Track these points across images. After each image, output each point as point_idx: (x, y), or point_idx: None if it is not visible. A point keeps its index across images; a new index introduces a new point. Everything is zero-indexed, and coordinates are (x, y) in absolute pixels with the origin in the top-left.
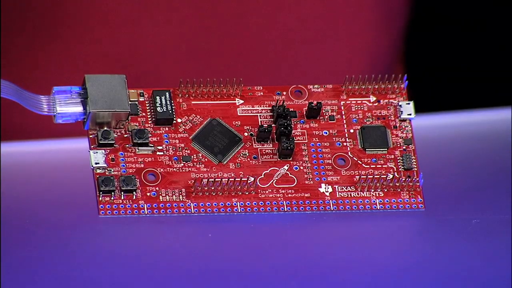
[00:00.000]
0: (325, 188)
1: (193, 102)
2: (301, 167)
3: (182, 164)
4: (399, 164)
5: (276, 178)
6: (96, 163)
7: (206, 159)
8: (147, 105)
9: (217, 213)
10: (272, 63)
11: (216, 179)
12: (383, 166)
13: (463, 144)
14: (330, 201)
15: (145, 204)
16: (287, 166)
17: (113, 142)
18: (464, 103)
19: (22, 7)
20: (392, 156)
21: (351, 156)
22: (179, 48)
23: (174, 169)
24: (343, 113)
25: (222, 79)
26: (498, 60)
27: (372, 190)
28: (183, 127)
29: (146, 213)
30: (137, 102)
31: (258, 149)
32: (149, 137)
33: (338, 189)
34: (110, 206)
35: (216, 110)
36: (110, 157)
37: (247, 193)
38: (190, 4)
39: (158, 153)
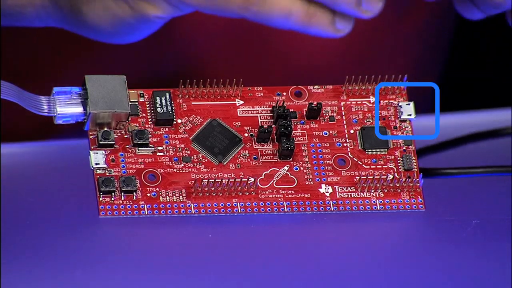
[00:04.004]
0: (325, 188)
1: (193, 103)
2: (301, 168)
3: (182, 165)
4: (399, 164)
5: (276, 178)
6: (96, 164)
7: (206, 160)
8: (147, 105)
9: (217, 214)
10: (272, 63)
11: (216, 180)
12: (383, 166)
13: (463, 144)
14: (330, 201)
15: (145, 205)
16: (287, 166)
17: (113, 142)
18: (464, 103)
19: None
20: (392, 157)
21: (351, 156)
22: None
23: (174, 170)
24: (343, 113)
25: (222, 80)
26: (498, 60)
27: (372, 191)
28: (183, 127)
29: (146, 213)
30: (137, 103)
31: (258, 149)
32: (149, 137)
33: (338, 189)
34: (111, 207)
35: (216, 111)
36: (110, 158)
37: (247, 194)
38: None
39: (158, 153)
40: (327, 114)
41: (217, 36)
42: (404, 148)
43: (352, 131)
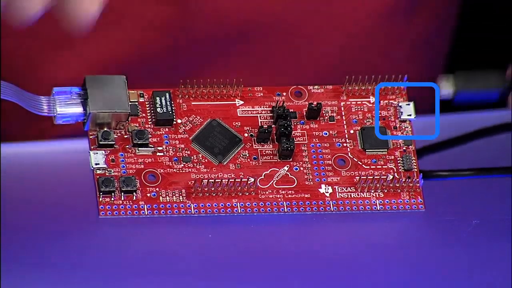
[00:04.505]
0: (325, 188)
1: (193, 103)
2: (301, 168)
3: (182, 165)
4: (399, 165)
5: (276, 178)
6: (96, 164)
7: (206, 160)
8: (147, 106)
9: (217, 214)
10: (272, 64)
11: (216, 180)
12: (383, 167)
13: (463, 144)
14: (330, 201)
15: (145, 205)
16: (287, 166)
17: (113, 143)
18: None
19: None
20: (392, 157)
21: (351, 156)
22: (179, 49)
23: (174, 170)
24: (343, 114)
25: (222, 80)
26: (498, 60)
27: (372, 191)
28: (183, 127)
29: (146, 213)
30: (137, 103)
31: (258, 149)
32: (149, 138)
33: (338, 189)
34: (110, 207)
35: (216, 111)
36: (110, 158)
37: (247, 194)
38: (192, 3)
39: (158, 153)
40: (327, 114)
41: (218, 36)
42: (404, 148)
43: (352, 131)
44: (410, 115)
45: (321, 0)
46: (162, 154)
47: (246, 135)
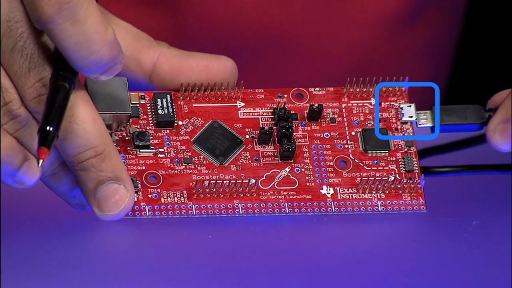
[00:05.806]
0: (327, 190)
1: (194, 105)
2: (303, 169)
3: (184, 166)
4: (400, 166)
5: (278, 180)
6: None
7: (207, 161)
8: (148, 107)
9: (218, 215)
10: (273, 65)
11: (218, 181)
12: (385, 168)
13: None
14: (332, 202)
15: (146, 206)
16: (289, 168)
17: (114, 144)
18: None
19: None
20: (394, 158)
21: (353, 158)
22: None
23: (176, 171)
24: (344, 115)
25: (223, 82)
26: (497, 61)
27: (374, 192)
28: (184, 129)
29: (147, 215)
30: (138, 105)
31: (260, 151)
32: (150, 139)
33: (339, 191)
34: None
35: (218, 113)
36: None
37: (248, 195)
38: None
39: (159, 155)
40: (328, 116)
41: (219, 38)
42: (406, 149)
43: (353, 133)
44: (411, 116)
45: (324, 9)
46: (163, 155)
47: (247, 136)
